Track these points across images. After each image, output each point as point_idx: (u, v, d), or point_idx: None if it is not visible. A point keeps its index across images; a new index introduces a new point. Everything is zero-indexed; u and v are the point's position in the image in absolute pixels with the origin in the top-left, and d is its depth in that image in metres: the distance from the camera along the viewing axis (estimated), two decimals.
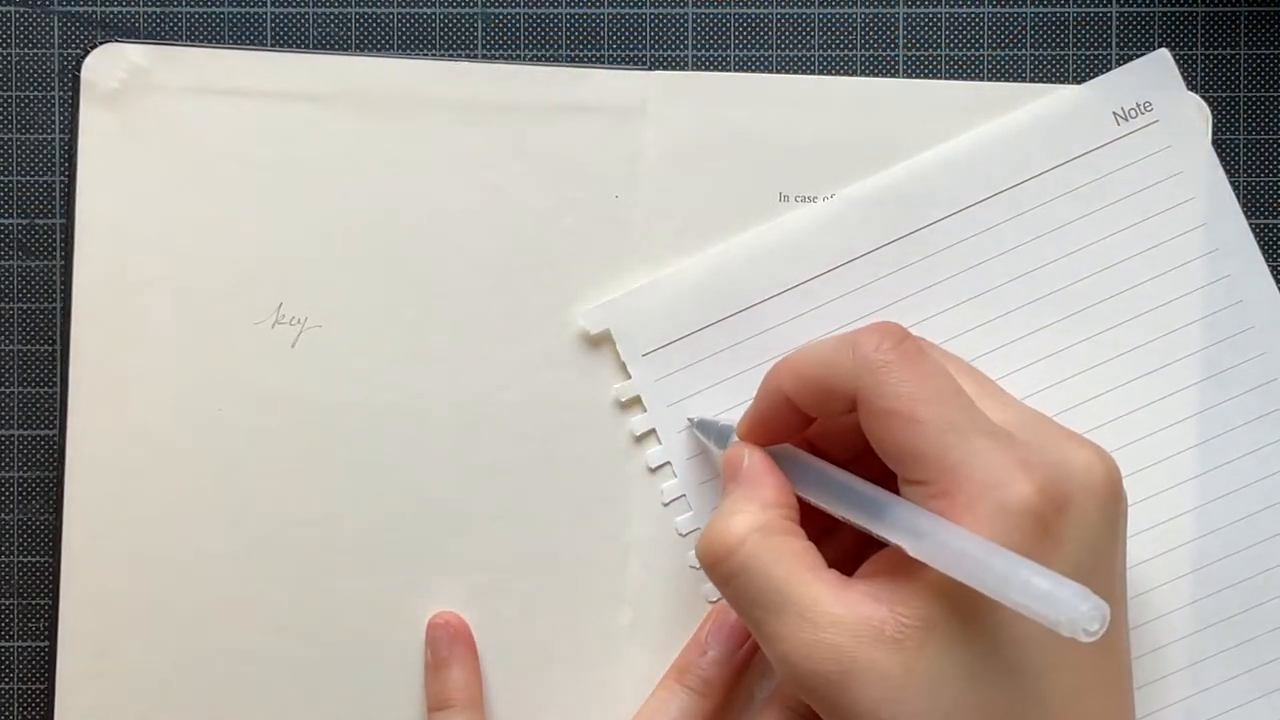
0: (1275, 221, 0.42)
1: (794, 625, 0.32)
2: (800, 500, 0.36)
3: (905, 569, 0.32)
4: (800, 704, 0.37)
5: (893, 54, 0.42)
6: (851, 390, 0.33)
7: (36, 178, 0.42)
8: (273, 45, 0.42)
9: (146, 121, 0.41)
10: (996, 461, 0.31)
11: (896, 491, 0.33)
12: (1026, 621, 0.29)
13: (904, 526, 0.32)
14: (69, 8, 0.43)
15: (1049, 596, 0.28)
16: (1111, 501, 0.33)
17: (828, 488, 0.35)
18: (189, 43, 0.42)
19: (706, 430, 0.40)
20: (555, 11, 0.43)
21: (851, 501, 0.34)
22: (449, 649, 0.40)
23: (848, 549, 0.36)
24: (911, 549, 0.31)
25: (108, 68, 0.41)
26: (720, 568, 0.34)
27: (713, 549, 0.34)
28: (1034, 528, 0.31)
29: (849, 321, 0.41)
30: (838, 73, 0.42)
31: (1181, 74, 0.41)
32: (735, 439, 0.37)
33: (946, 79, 0.42)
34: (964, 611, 0.31)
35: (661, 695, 0.40)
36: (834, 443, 0.37)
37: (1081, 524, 0.32)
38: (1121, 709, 0.34)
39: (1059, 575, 0.28)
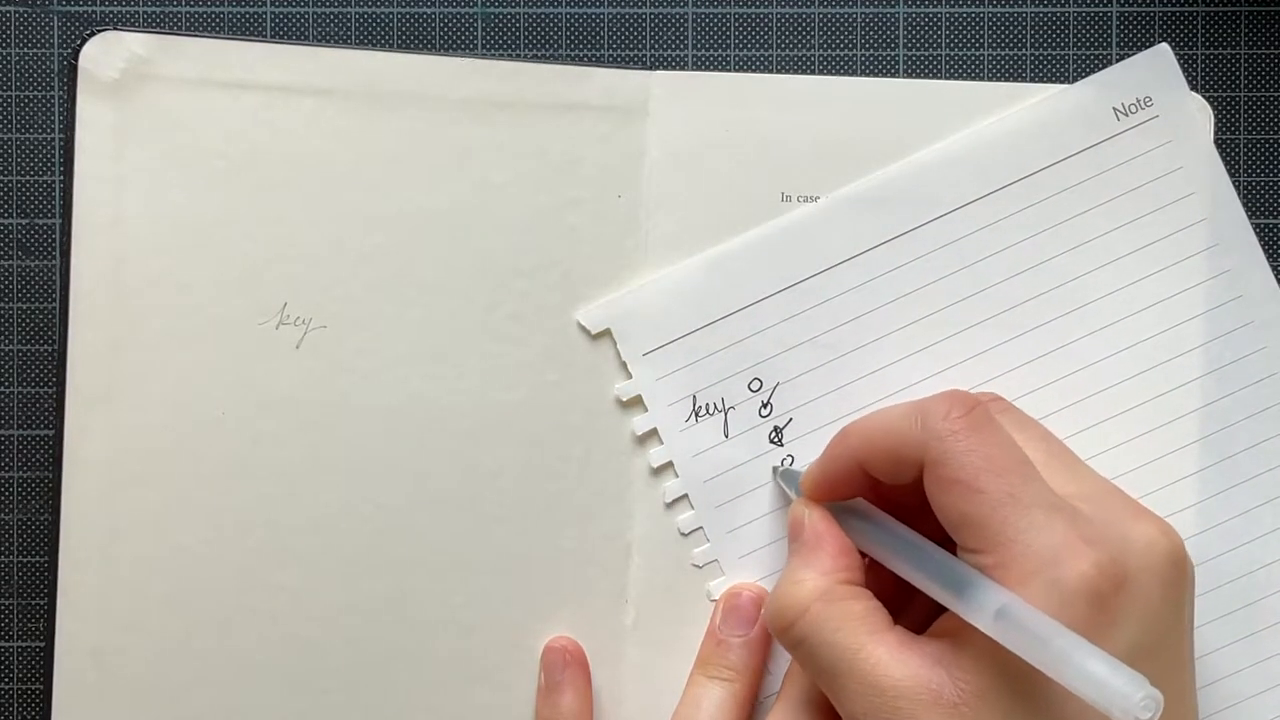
0: (1276, 221, 0.42)
1: (857, 688, 0.33)
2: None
3: (968, 631, 0.32)
4: (811, 690, 0.37)
5: (893, 54, 0.42)
6: (919, 458, 0.34)
7: (36, 177, 0.42)
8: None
9: (146, 114, 0.41)
10: (1054, 537, 0.31)
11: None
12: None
13: (958, 590, 0.32)
14: (68, 7, 0.43)
15: (1104, 683, 0.28)
16: (1174, 580, 0.33)
17: (890, 547, 0.36)
18: (190, 32, 0.42)
19: (789, 481, 0.40)
20: (555, 11, 0.43)
21: (909, 561, 0.35)
22: (562, 673, 0.40)
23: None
24: (964, 614, 0.31)
25: (106, 57, 0.40)
26: (787, 635, 0.35)
27: (780, 618, 0.36)
28: (1089, 606, 0.31)
29: (850, 319, 0.41)
30: (838, 73, 0.42)
31: (1183, 74, 0.41)
32: (798, 494, 0.38)
33: (946, 79, 0.42)
34: (1021, 681, 0.31)
35: (691, 692, 0.40)
36: (903, 498, 0.37)
37: (1140, 602, 0.32)
38: None
39: (1116, 661, 0.28)
